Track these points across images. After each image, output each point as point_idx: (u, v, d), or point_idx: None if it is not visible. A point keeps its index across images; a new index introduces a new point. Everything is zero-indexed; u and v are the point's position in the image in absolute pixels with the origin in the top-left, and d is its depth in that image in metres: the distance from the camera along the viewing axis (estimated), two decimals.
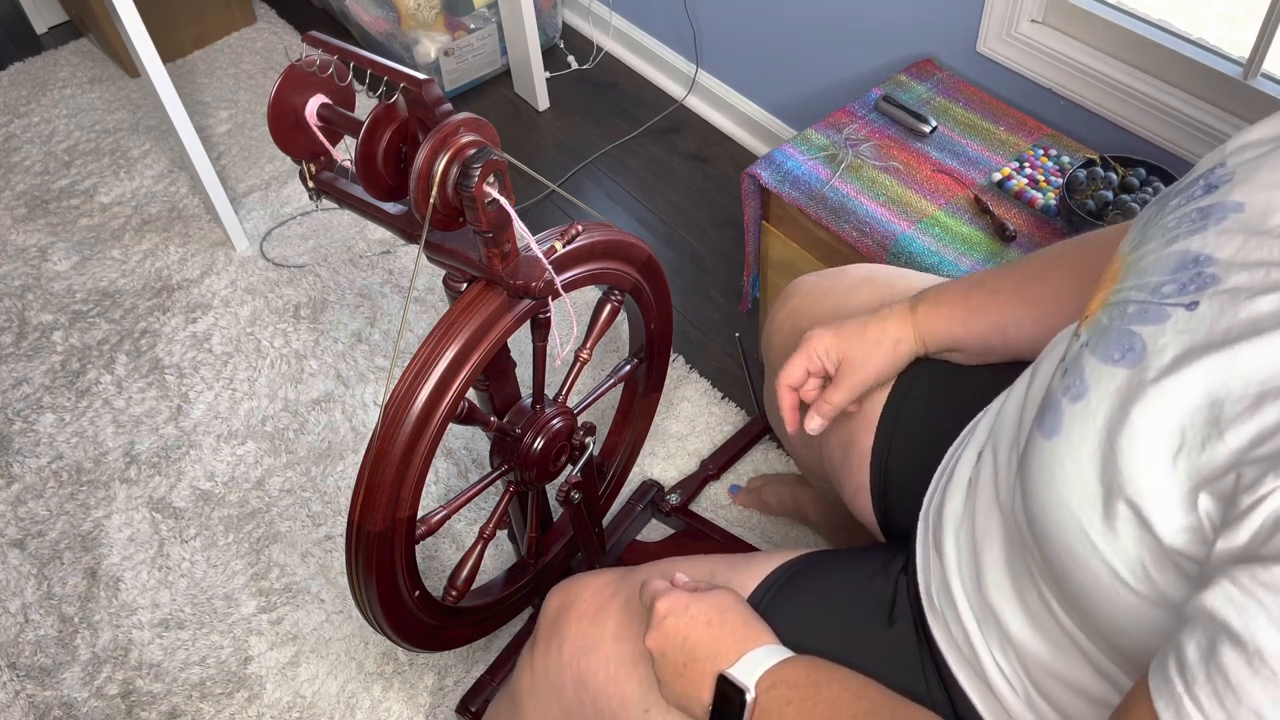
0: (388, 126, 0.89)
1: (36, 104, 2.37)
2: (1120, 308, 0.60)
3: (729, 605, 0.79)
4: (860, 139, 1.53)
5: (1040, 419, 0.62)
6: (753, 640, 0.76)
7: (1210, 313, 0.53)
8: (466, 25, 2.24)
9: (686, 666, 0.77)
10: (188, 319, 1.90)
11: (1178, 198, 0.64)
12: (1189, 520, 0.51)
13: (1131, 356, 0.56)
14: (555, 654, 0.90)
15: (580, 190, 2.12)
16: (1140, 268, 0.62)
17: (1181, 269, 0.58)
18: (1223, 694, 0.45)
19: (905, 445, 0.93)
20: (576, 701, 0.88)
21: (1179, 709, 0.47)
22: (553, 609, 0.93)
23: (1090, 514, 0.56)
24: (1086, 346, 0.61)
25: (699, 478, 1.58)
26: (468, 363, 0.96)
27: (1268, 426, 0.48)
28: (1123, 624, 0.58)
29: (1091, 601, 0.59)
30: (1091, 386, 0.58)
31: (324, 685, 1.42)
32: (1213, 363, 0.51)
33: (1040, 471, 0.60)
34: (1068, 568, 0.59)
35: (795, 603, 0.84)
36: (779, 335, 1.11)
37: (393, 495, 0.97)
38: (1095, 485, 0.55)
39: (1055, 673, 0.67)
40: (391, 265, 1.97)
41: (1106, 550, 0.55)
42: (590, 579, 0.93)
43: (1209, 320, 0.53)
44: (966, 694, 0.74)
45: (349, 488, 1.62)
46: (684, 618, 0.78)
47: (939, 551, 0.77)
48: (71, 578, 1.55)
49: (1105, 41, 1.42)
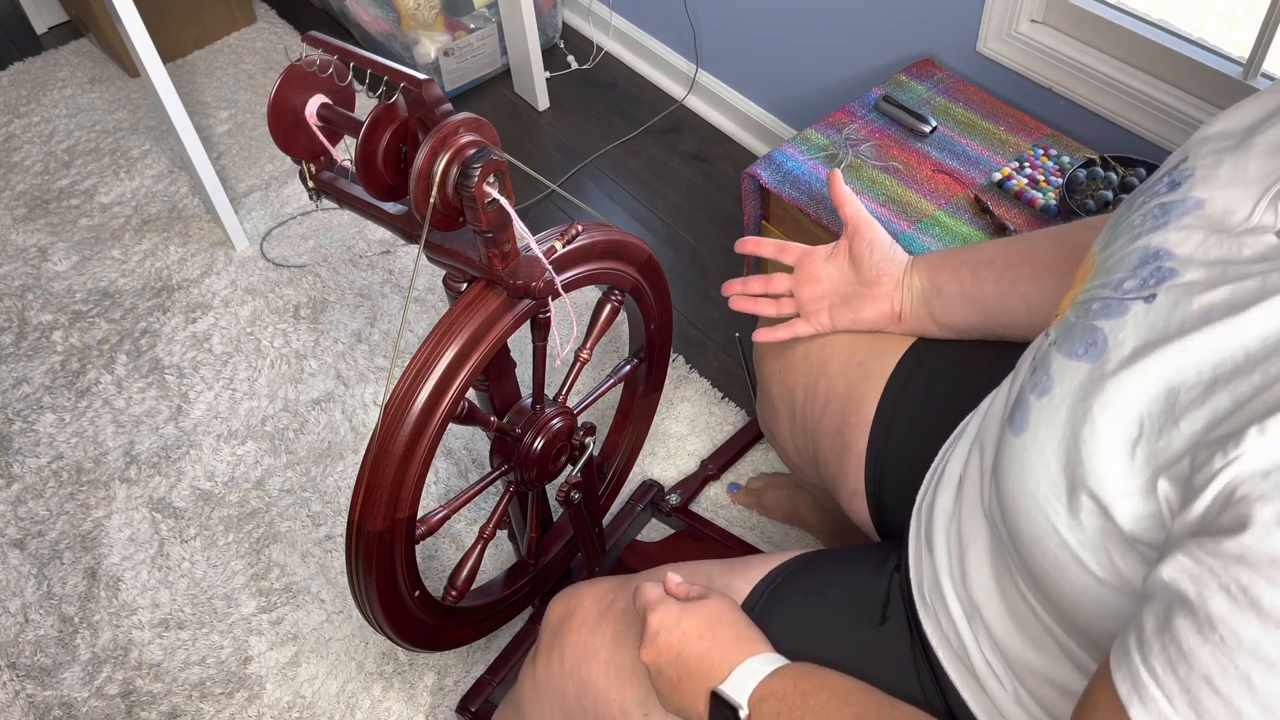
0: (388, 126, 0.89)
1: (36, 104, 2.37)
2: (1086, 305, 0.61)
3: (719, 616, 0.79)
4: (860, 139, 1.53)
5: (1011, 417, 0.63)
6: (744, 652, 0.76)
7: (1166, 305, 0.55)
8: (466, 25, 2.24)
9: (681, 682, 0.77)
10: (188, 319, 1.90)
11: (1144, 195, 0.66)
12: (1149, 508, 0.52)
13: (1094, 351, 0.57)
14: (557, 662, 0.90)
15: (580, 190, 2.12)
16: (1107, 266, 0.63)
17: (1143, 264, 0.59)
18: (1175, 662, 0.46)
19: (899, 446, 0.94)
20: (579, 708, 0.89)
21: (1135, 680, 0.48)
22: (555, 618, 0.93)
23: (1056, 506, 0.57)
24: (1054, 344, 0.62)
25: (699, 478, 1.58)
26: (468, 363, 0.96)
27: (1219, 412, 0.49)
28: (1095, 616, 0.59)
29: (1063, 595, 0.60)
30: (1056, 382, 0.59)
31: (324, 685, 1.42)
32: (1167, 353, 0.53)
33: (1010, 468, 0.61)
34: (1039, 561, 0.60)
35: (789, 605, 0.84)
36: (771, 348, 1.11)
37: (393, 495, 0.97)
38: (1060, 478, 0.56)
39: (1036, 670, 0.68)
40: (391, 265, 1.97)
41: (1073, 541, 0.56)
42: (590, 587, 0.94)
43: (1165, 313, 0.54)
44: (959, 691, 0.74)
45: (349, 488, 1.62)
46: (675, 633, 0.78)
47: (930, 549, 0.77)
48: (71, 578, 1.55)
49: (1105, 41, 1.42)
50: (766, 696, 0.72)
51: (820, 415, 1.01)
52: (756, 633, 0.79)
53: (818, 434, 1.02)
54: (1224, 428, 0.48)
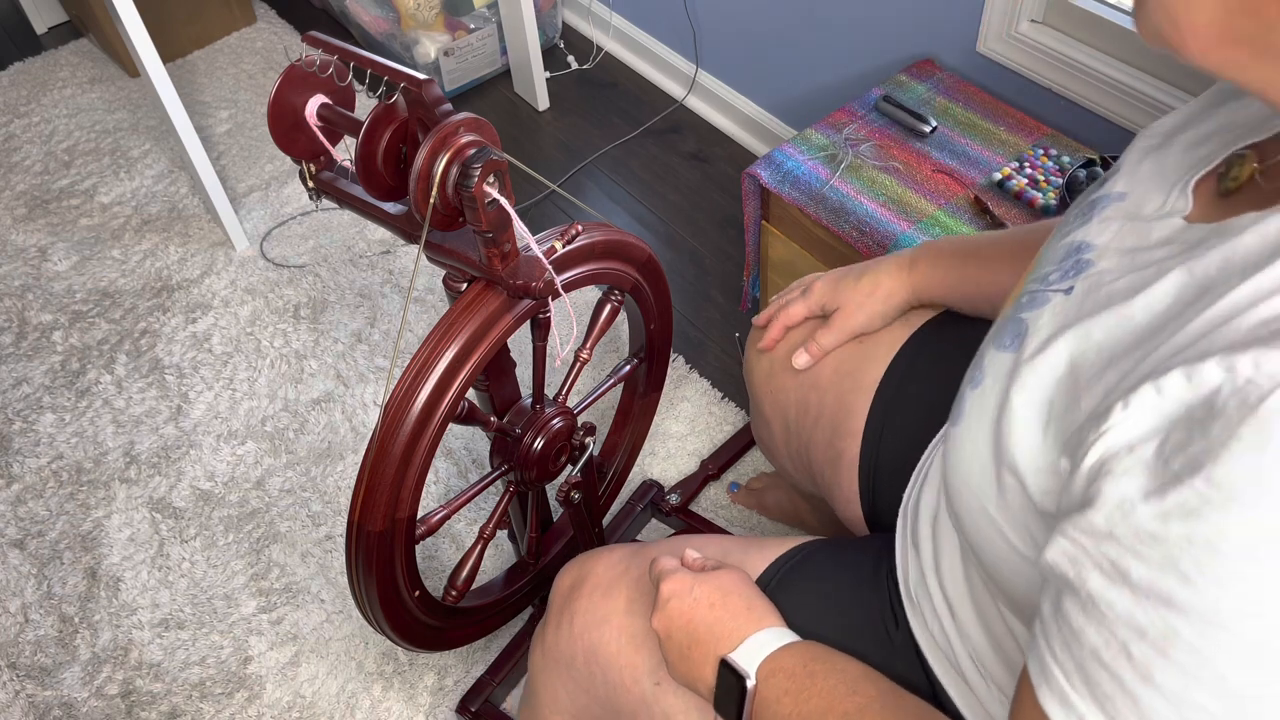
0: (388, 126, 0.89)
1: (36, 104, 2.37)
2: (1019, 300, 0.64)
3: (732, 587, 0.79)
4: (860, 139, 1.53)
5: (952, 411, 0.66)
6: (755, 623, 0.76)
7: (1080, 294, 0.57)
8: (466, 25, 2.24)
9: (690, 649, 0.77)
10: (188, 319, 1.90)
11: (1082, 195, 0.69)
12: (1056, 484, 0.54)
13: (1017, 341, 0.60)
14: (566, 628, 0.91)
15: (580, 190, 2.12)
16: (1041, 262, 0.66)
17: (1066, 257, 0.62)
18: (1070, 643, 0.49)
19: (891, 452, 0.94)
20: (587, 673, 0.89)
21: (1043, 665, 0.50)
22: (565, 584, 0.94)
23: (987, 490, 0.59)
24: (990, 339, 0.65)
25: (699, 478, 1.58)
26: (468, 363, 0.96)
27: (1109, 387, 0.51)
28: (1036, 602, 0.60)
29: (1005, 581, 0.62)
30: (987, 374, 0.61)
31: (324, 685, 1.42)
32: (1073, 335, 0.55)
33: (949, 457, 0.64)
34: (982, 550, 0.62)
35: (801, 586, 0.84)
36: (760, 363, 1.13)
37: (393, 495, 0.97)
38: (989, 462, 0.59)
39: (1001, 663, 0.69)
40: (391, 265, 1.97)
41: (1002, 523, 0.58)
42: (603, 554, 0.94)
43: (1079, 301, 0.57)
44: (946, 689, 0.74)
45: (349, 488, 1.62)
46: (687, 600, 0.78)
47: (916, 547, 0.78)
48: (71, 578, 1.55)
49: (1105, 41, 1.42)
50: (775, 672, 0.73)
51: (813, 428, 1.02)
52: (769, 605, 0.79)
53: (811, 446, 1.03)
54: (1106, 401, 0.50)
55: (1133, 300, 0.53)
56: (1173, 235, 0.55)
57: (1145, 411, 0.46)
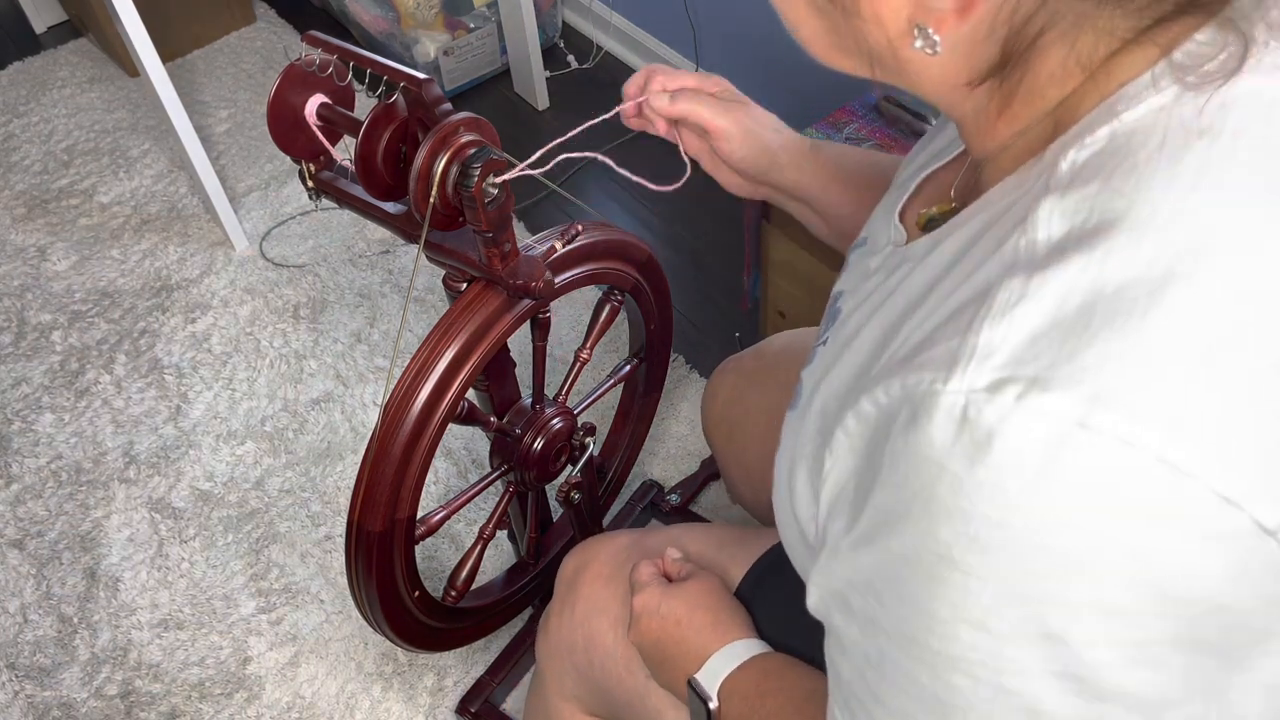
0: (387, 126, 0.89)
1: (36, 104, 2.37)
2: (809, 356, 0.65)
3: (700, 600, 0.79)
4: (860, 139, 1.53)
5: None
6: (719, 639, 0.76)
7: (832, 344, 0.59)
8: (466, 25, 2.24)
9: (663, 665, 0.78)
10: (187, 319, 1.90)
11: None
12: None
13: (797, 400, 0.62)
14: (569, 614, 0.91)
15: (580, 190, 2.11)
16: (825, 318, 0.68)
17: (829, 310, 0.65)
18: (834, 677, 0.54)
19: None
20: (587, 661, 0.90)
21: (836, 701, 0.55)
22: (569, 570, 0.94)
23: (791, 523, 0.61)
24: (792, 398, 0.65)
25: (699, 478, 1.58)
26: (468, 363, 0.96)
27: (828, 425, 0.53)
28: None
29: None
30: (785, 434, 0.62)
31: (323, 685, 1.42)
32: (824, 387, 0.57)
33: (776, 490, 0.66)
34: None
35: (778, 586, 0.84)
36: (719, 428, 1.15)
37: (392, 495, 0.97)
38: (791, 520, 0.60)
39: None
40: (391, 265, 1.96)
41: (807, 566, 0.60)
42: (608, 541, 0.95)
43: (832, 351, 0.58)
44: None
45: (349, 488, 1.62)
46: (655, 618, 0.79)
47: None
48: (70, 578, 1.55)
49: None
50: (732, 694, 0.73)
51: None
52: (736, 617, 0.79)
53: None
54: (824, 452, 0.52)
55: (854, 342, 0.55)
56: (883, 262, 0.58)
57: (843, 454, 0.49)
